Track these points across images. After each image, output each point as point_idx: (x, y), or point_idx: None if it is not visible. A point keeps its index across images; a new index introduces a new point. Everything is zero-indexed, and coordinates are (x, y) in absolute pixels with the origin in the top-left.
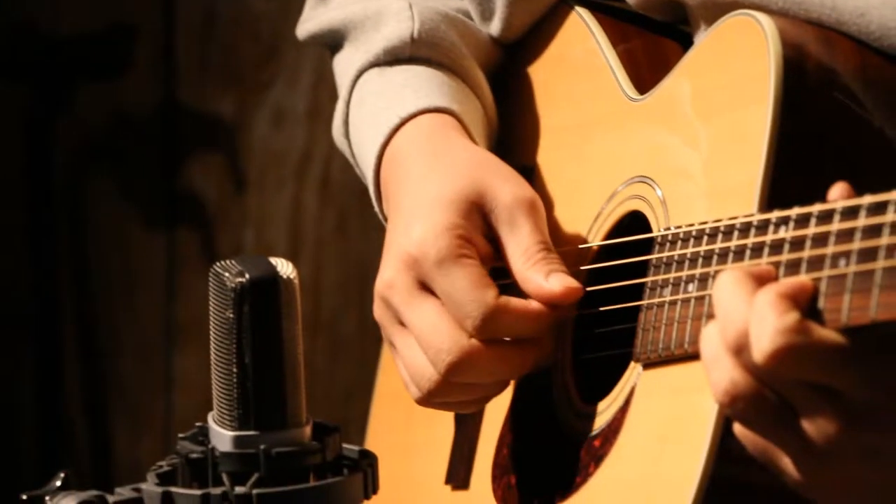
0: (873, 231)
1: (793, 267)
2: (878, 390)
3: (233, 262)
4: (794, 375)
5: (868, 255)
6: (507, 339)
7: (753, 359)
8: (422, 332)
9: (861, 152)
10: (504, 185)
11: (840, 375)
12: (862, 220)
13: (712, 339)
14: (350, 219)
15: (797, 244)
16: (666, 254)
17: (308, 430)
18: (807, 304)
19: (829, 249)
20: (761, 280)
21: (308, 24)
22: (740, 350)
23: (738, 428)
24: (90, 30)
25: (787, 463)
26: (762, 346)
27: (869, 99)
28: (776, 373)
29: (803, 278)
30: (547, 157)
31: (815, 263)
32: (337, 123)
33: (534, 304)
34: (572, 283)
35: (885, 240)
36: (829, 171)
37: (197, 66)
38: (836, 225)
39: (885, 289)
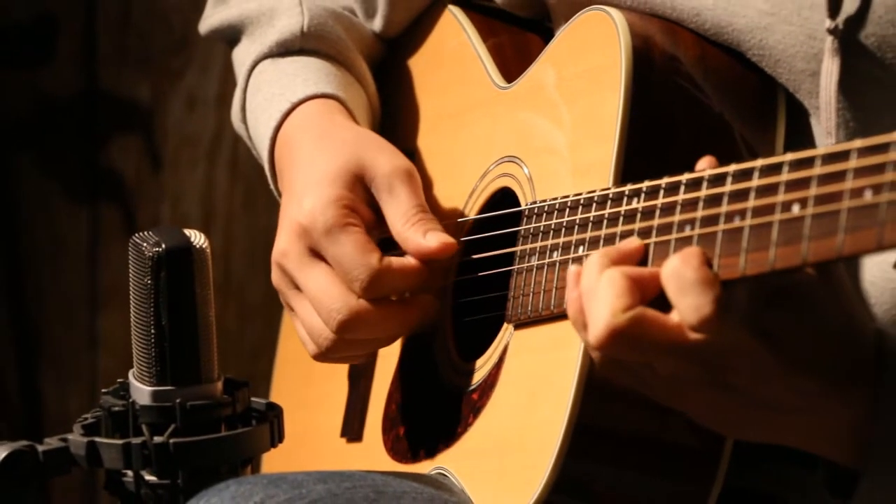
0: (714, 200)
1: (644, 233)
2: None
3: (150, 233)
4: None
5: (710, 221)
6: (393, 297)
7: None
8: (315, 295)
9: (701, 133)
10: (382, 158)
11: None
12: (704, 191)
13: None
14: (257, 194)
15: (648, 213)
16: (533, 225)
17: (220, 385)
18: None
19: (676, 217)
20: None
21: (209, 21)
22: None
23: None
24: (15, 21)
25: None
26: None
27: (708, 85)
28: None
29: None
30: (425, 141)
31: (664, 230)
32: (235, 110)
33: (412, 262)
34: (447, 239)
35: (724, 208)
36: (675, 149)
37: (116, 55)
38: (681, 196)
39: (723, 255)
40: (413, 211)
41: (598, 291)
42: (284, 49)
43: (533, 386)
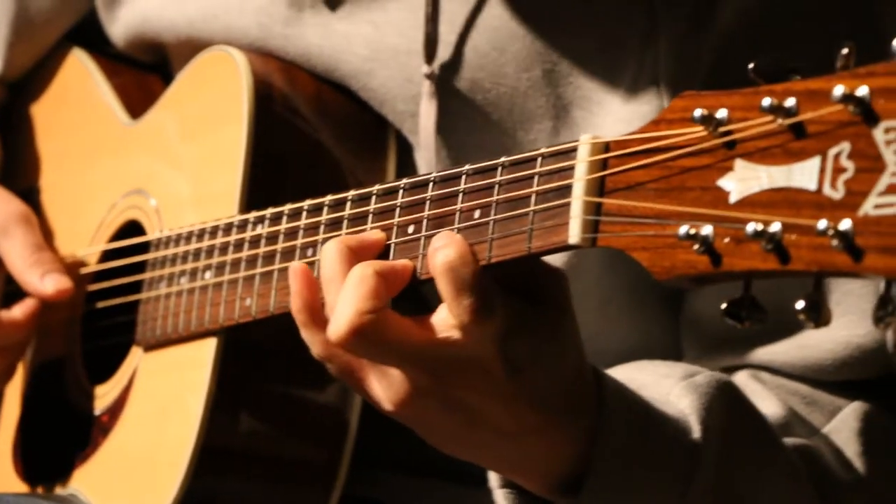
0: (335, 223)
1: (269, 258)
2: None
3: None
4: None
5: None
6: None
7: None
8: None
9: (317, 164)
10: None
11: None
12: (324, 216)
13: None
14: None
15: (272, 238)
16: (161, 253)
17: None
18: None
19: (299, 241)
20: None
21: None
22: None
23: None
24: None
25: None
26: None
27: (323, 121)
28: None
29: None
30: (52, 179)
31: (288, 254)
32: None
33: (17, 314)
34: (64, 284)
35: (344, 231)
36: (295, 179)
37: None
38: (303, 221)
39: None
40: (29, 252)
41: (346, 287)
42: None
43: (162, 406)
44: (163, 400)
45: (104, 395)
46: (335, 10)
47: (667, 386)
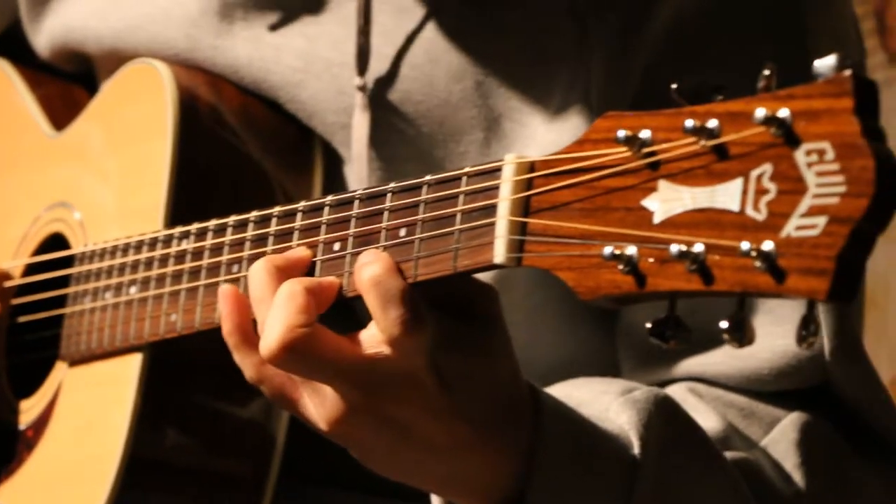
0: (261, 240)
1: (194, 274)
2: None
3: None
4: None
5: (258, 258)
6: None
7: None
8: None
9: (243, 178)
10: None
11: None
12: (250, 232)
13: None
14: None
15: (197, 254)
16: (85, 267)
17: None
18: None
19: (224, 258)
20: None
21: None
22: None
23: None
24: None
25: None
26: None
27: (250, 134)
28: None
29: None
30: None
31: (213, 270)
32: None
33: None
34: None
35: (269, 247)
36: (220, 193)
37: None
38: (228, 237)
39: None
40: None
41: (276, 304)
42: None
43: (88, 420)
44: (88, 415)
45: (29, 410)
46: (276, 30)
47: (605, 402)
